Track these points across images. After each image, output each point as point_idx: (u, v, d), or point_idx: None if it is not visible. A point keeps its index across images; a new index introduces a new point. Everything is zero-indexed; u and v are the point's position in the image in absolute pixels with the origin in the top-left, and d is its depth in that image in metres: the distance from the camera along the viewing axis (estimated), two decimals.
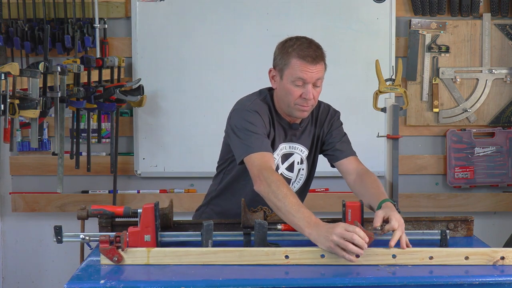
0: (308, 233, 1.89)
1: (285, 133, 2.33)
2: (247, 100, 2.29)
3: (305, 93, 2.19)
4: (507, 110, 3.75)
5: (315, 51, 2.20)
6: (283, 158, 2.34)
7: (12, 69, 2.67)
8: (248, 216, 2.08)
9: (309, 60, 2.17)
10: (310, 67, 2.17)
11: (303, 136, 2.36)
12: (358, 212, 2.02)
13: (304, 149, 2.37)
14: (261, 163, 2.09)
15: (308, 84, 2.19)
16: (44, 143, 3.71)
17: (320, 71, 2.21)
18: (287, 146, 2.34)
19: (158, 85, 3.65)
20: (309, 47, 2.20)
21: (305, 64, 2.17)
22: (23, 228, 3.84)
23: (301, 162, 2.37)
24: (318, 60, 2.20)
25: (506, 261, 1.86)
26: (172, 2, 3.62)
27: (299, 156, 2.36)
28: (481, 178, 3.78)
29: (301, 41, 2.23)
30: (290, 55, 2.19)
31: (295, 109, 2.23)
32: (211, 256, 1.86)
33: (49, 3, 3.52)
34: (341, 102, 3.66)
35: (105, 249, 1.86)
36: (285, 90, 2.21)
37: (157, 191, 3.76)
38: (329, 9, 3.63)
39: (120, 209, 2.10)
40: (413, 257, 1.86)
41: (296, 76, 2.18)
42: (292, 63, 2.18)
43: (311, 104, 2.24)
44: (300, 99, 2.20)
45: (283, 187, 2.00)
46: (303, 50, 2.18)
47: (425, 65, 3.70)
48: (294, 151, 2.35)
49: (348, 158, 2.36)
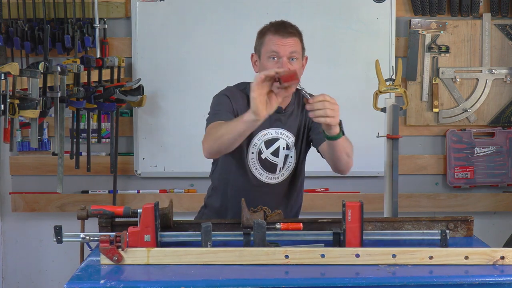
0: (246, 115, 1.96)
1: (269, 118, 2.32)
2: (222, 90, 2.40)
3: (280, 65, 2.23)
4: (507, 110, 3.75)
5: (289, 27, 2.28)
6: (268, 143, 2.36)
7: (12, 69, 2.67)
8: (247, 216, 2.08)
9: (281, 33, 2.25)
10: (282, 40, 2.25)
11: (289, 122, 2.39)
12: (358, 212, 2.02)
13: (290, 135, 2.39)
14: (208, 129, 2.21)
15: (282, 57, 2.24)
16: (44, 143, 3.71)
17: (293, 45, 2.26)
18: (272, 132, 2.37)
19: (158, 85, 3.65)
20: (281, 24, 2.29)
21: (277, 38, 2.25)
22: (23, 228, 3.84)
23: (287, 148, 2.39)
24: (291, 35, 2.27)
25: (506, 260, 1.86)
26: (172, 2, 3.62)
27: (284, 141, 2.39)
28: (481, 178, 3.78)
29: (275, 22, 2.32)
30: (264, 34, 2.29)
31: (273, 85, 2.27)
32: (211, 256, 1.86)
33: (49, 3, 3.52)
34: (341, 102, 3.66)
35: (105, 249, 1.86)
36: (264, 68, 2.26)
37: (157, 191, 3.76)
38: (329, 9, 3.63)
39: (120, 209, 2.10)
40: (413, 257, 1.86)
41: (270, 50, 2.25)
42: (266, 40, 2.27)
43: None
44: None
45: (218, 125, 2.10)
46: (275, 26, 2.28)
47: (425, 65, 3.70)
48: (280, 136, 2.38)
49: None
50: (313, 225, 2.17)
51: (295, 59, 2.27)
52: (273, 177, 2.39)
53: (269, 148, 2.37)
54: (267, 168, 2.38)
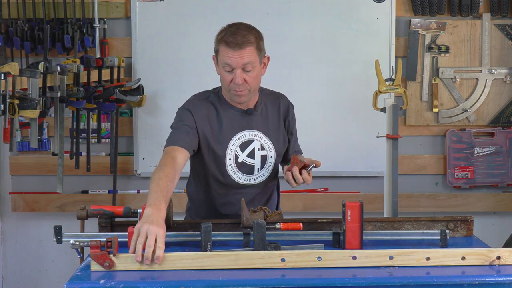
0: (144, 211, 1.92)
1: (241, 121, 2.37)
2: (185, 102, 2.40)
3: (234, 78, 2.24)
4: (507, 110, 3.75)
5: (243, 37, 2.23)
6: (243, 146, 2.37)
7: (12, 69, 2.67)
8: (247, 216, 2.08)
9: (233, 46, 2.22)
10: (235, 53, 2.22)
11: (260, 122, 2.40)
12: (358, 212, 2.02)
13: (262, 135, 2.39)
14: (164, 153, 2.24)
15: (236, 69, 2.24)
16: (44, 143, 3.71)
17: (246, 56, 2.23)
18: (246, 134, 2.37)
19: (157, 85, 3.65)
20: (235, 33, 2.23)
21: (230, 50, 2.22)
22: (23, 228, 3.84)
23: (263, 149, 2.39)
24: (244, 46, 2.22)
25: (502, 260, 1.86)
26: (172, 2, 3.62)
27: (258, 142, 2.39)
28: (481, 178, 3.78)
29: (231, 27, 2.27)
30: (219, 42, 2.27)
31: (232, 95, 2.31)
32: (205, 260, 1.84)
33: (49, 3, 3.52)
34: (341, 102, 3.70)
35: (96, 255, 1.80)
36: (221, 76, 2.30)
37: None
38: (329, 9, 3.63)
39: (120, 209, 2.10)
40: (410, 258, 1.86)
41: (224, 62, 2.25)
42: (220, 49, 2.26)
43: (246, 89, 2.28)
44: (232, 84, 2.26)
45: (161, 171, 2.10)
46: (229, 37, 2.23)
47: (425, 65, 3.70)
48: (253, 138, 2.38)
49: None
50: (313, 225, 2.18)
51: (249, 70, 2.25)
52: (252, 178, 2.40)
53: (244, 150, 2.37)
54: (245, 170, 2.39)
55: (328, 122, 3.69)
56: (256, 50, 2.26)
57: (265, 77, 2.38)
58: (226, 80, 2.27)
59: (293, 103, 2.52)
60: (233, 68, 2.23)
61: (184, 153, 2.24)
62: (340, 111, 3.68)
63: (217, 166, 2.37)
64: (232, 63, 2.22)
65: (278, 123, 2.43)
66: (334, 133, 3.68)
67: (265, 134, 2.40)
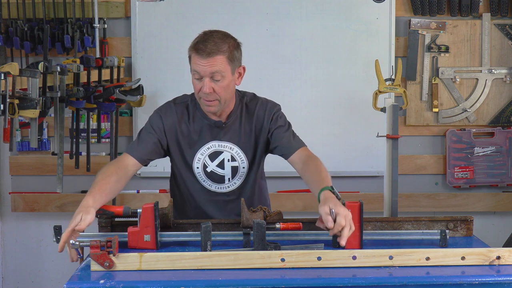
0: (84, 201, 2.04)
1: (211, 131, 2.35)
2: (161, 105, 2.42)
3: (203, 86, 2.22)
4: (506, 110, 3.75)
5: (215, 44, 2.20)
6: (212, 156, 2.36)
7: (11, 69, 2.67)
8: (247, 216, 2.08)
9: (201, 53, 2.19)
10: (202, 61, 2.19)
11: (231, 133, 2.37)
12: (358, 212, 2.01)
13: (233, 146, 2.37)
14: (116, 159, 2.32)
15: (204, 77, 2.21)
16: (44, 143, 3.71)
17: (214, 65, 2.19)
18: (216, 144, 2.36)
19: (157, 85, 3.65)
20: (205, 41, 2.21)
21: (198, 58, 2.20)
22: (22, 228, 3.84)
23: (233, 160, 2.37)
24: (213, 54, 2.19)
25: (502, 260, 1.86)
26: (172, 2, 3.62)
27: (228, 153, 2.37)
28: (481, 178, 3.78)
29: (204, 35, 2.24)
30: (191, 48, 2.24)
31: (202, 103, 2.29)
32: (205, 260, 1.83)
33: (48, 3, 3.53)
34: (341, 102, 3.70)
35: (96, 255, 1.80)
36: (192, 83, 2.27)
37: (157, 191, 3.76)
38: (328, 9, 3.63)
39: (120, 209, 2.10)
40: (410, 258, 1.86)
41: (193, 69, 2.23)
42: (192, 56, 2.24)
43: (215, 98, 2.25)
44: (201, 93, 2.24)
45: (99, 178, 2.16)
46: (199, 44, 2.21)
47: (425, 65, 3.70)
48: (223, 149, 2.37)
49: (296, 151, 2.34)
50: (313, 225, 2.17)
51: (218, 80, 2.22)
52: (223, 186, 2.40)
53: (214, 160, 2.36)
54: (215, 179, 2.38)
55: (328, 122, 3.69)
56: (228, 60, 2.21)
57: (265, 77, 2.37)
58: (196, 88, 2.25)
59: (293, 103, 2.51)
60: (202, 76, 2.21)
61: (136, 165, 2.30)
62: (340, 111, 3.68)
63: (188, 171, 2.38)
64: (200, 70, 2.20)
65: (251, 133, 2.38)
66: (334, 133, 3.68)
67: (237, 145, 2.37)
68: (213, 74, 2.20)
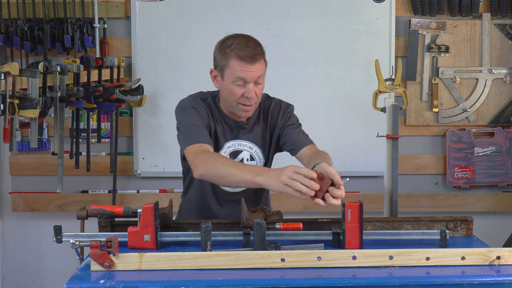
0: (260, 181, 1.92)
1: (231, 131, 2.35)
2: (186, 99, 2.35)
3: (247, 92, 2.21)
4: (506, 110, 3.75)
5: (254, 49, 2.20)
6: (232, 156, 2.35)
7: (11, 69, 2.67)
8: (247, 216, 2.08)
9: (247, 60, 2.17)
10: (249, 67, 2.18)
11: (251, 133, 2.38)
12: (358, 212, 2.02)
13: (253, 146, 2.38)
14: (195, 149, 2.14)
15: (249, 83, 2.20)
16: (44, 143, 3.71)
17: (259, 69, 2.21)
18: (235, 144, 2.36)
19: (157, 85, 3.65)
20: (246, 46, 2.20)
21: (244, 64, 2.18)
22: (22, 228, 3.84)
23: (252, 159, 2.38)
24: (257, 59, 2.20)
25: (502, 260, 1.86)
26: (172, 2, 3.62)
27: (247, 153, 2.37)
28: (481, 178, 3.78)
29: (239, 40, 2.22)
30: (228, 56, 2.20)
31: (238, 109, 2.27)
32: (205, 260, 1.84)
33: (48, 3, 3.52)
34: (341, 102, 3.70)
35: (96, 255, 1.80)
36: (228, 91, 2.23)
37: (157, 191, 3.76)
38: (328, 9, 3.63)
39: (120, 209, 2.10)
40: (410, 258, 1.86)
41: (236, 76, 2.19)
42: (231, 64, 2.19)
43: (254, 102, 2.26)
44: (242, 98, 2.22)
45: (219, 157, 2.07)
46: (241, 50, 2.18)
47: (425, 65, 3.70)
48: (243, 148, 2.37)
49: (305, 147, 2.36)
50: (313, 225, 2.17)
51: (260, 83, 2.24)
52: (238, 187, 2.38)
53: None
54: None
55: (328, 122, 3.69)
56: (264, 62, 2.24)
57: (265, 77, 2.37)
58: (236, 94, 2.22)
59: (293, 103, 2.50)
60: (247, 82, 2.19)
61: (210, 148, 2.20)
62: (340, 111, 3.68)
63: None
64: (247, 77, 2.18)
65: (266, 132, 2.40)
66: (334, 133, 3.68)
67: (256, 144, 2.38)
68: (258, 78, 2.21)
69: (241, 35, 2.26)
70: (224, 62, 2.22)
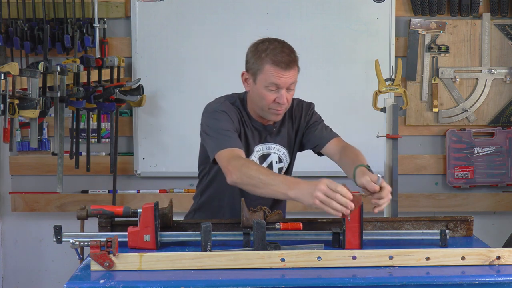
0: (292, 195, 1.90)
1: (259, 134, 2.34)
2: (216, 102, 2.30)
3: (279, 97, 2.19)
4: (506, 110, 3.75)
5: (289, 55, 2.18)
6: (261, 159, 2.34)
7: (11, 69, 2.67)
8: (247, 216, 2.08)
9: (282, 66, 2.15)
10: (284, 73, 2.16)
11: (278, 136, 2.37)
12: (358, 212, 2.01)
13: (281, 148, 2.37)
14: (229, 155, 2.10)
15: (281, 89, 2.18)
16: (44, 143, 3.71)
17: (293, 76, 2.20)
18: (264, 147, 2.35)
19: (157, 85, 3.65)
20: (282, 52, 2.18)
21: (278, 70, 2.16)
22: (22, 228, 3.84)
23: (280, 161, 2.38)
24: (292, 65, 2.18)
25: (502, 260, 1.86)
26: (172, 2, 3.62)
27: (276, 155, 2.37)
28: (481, 178, 3.78)
29: (274, 45, 2.20)
30: (263, 60, 2.18)
31: (269, 113, 2.25)
32: (205, 260, 1.83)
33: (48, 3, 3.52)
34: (341, 102, 3.70)
35: (96, 255, 1.80)
36: (259, 95, 2.21)
37: (157, 191, 3.76)
38: (328, 9, 3.63)
39: (120, 209, 2.10)
40: (410, 258, 1.86)
41: (270, 81, 2.17)
42: (265, 68, 2.17)
43: (285, 108, 2.25)
44: (274, 103, 2.20)
45: (253, 165, 2.03)
46: (276, 56, 2.16)
47: (425, 65, 3.70)
48: (271, 151, 2.36)
49: (330, 142, 2.36)
50: (313, 225, 2.17)
51: (292, 89, 2.23)
52: None
53: (262, 163, 2.34)
54: None
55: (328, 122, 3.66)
56: (298, 68, 2.23)
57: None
58: (268, 99, 2.19)
59: None
60: (280, 88, 2.18)
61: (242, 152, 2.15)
62: (340, 111, 3.68)
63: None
64: (281, 82, 2.16)
65: (292, 133, 2.39)
66: None
67: (283, 146, 2.37)
68: (290, 85, 2.20)
69: (276, 39, 2.24)
70: (257, 66, 2.19)
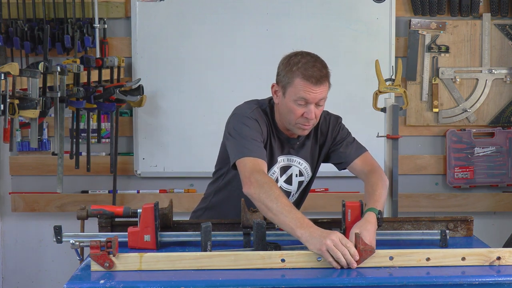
0: (300, 233, 1.88)
1: (282, 146, 2.30)
2: (247, 107, 2.25)
3: (307, 112, 2.15)
4: (506, 110, 3.75)
5: (320, 70, 2.15)
6: (281, 171, 2.32)
7: (12, 69, 2.67)
8: (247, 216, 2.08)
9: (313, 81, 2.12)
10: (314, 88, 2.13)
11: (302, 149, 2.33)
12: (358, 212, 2.02)
13: (302, 162, 2.34)
14: (253, 166, 2.06)
15: (310, 104, 2.15)
16: (44, 143, 3.71)
17: (323, 92, 2.16)
18: (285, 159, 2.32)
19: (157, 85, 3.65)
20: (313, 67, 2.14)
21: (308, 85, 2.12)
22: (23, 228, 3.84)
23: (300, 175, 2.35)
24: (323, 81, 2.14)
25: (502, 261, 1.86)
26: (172, 2, 3.62)
27: (297, 168, 2.34)
28: (481, 178, 3.78)
29: (307, 59, 2.16)
30: (294, 74, 2.14)
31: (296, 127, 2.21)
32: (205, 260, 1.83)
33: (49, 3, 3.52)
34: (341, 102, 3.69)
35: (96, 255, 1.80)
36: (287, 108, 2.17)
37: (157, 191, 3.76)
38: (328, 9, 3.63)
39: (120, 209, 2.10)
40: (410, 258, 1.86)
41: (299, 96, 2.13)
42: (295, 82, 2.13)
43: (313, 123, 2.21)
44: (301, 118, 2.16)
45: (276, 189, 1.99)
46: (308, 70, 2.13)
47: (425, 65, 3.70)
48: (292, 163, 2.33)
49: (354, 161, 2.34)
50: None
51: (321, 105, 2.19)
52: None
53: (282, 175, 2.31)
54: None
55: None
56: (329, 84, 2.19)
57: (265, 77, 2.36)
58: (296, 113, 2.15)
59: None
60: (309, 102, 2.14)
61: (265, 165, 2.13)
62: (340, 111, 3.65)
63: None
64: (310, 98, 2.13)
65: (316, 147, 2.36)
66: None
67: (305, 160, 2.34)
68: (320, 100, 2.16)
69: (308, 53, 2.20)
70: (288, 79, 2.15)
